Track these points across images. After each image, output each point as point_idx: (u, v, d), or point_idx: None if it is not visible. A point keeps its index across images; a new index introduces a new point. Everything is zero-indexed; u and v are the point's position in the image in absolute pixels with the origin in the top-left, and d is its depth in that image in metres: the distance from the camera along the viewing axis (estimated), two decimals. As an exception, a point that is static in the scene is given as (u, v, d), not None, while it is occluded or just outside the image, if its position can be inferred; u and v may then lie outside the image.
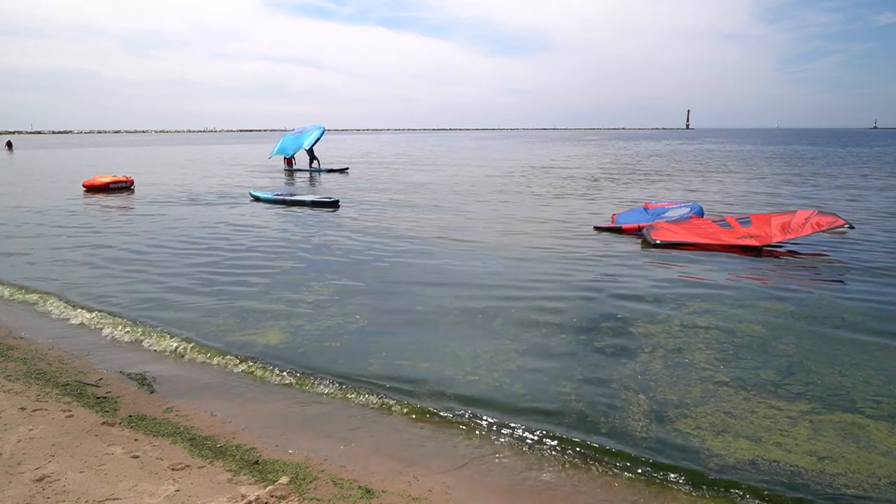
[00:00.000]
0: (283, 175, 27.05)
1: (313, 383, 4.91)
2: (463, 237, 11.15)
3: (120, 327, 6.26)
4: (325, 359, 5.38)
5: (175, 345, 5.76)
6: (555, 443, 3.96)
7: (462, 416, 4.35)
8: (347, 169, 29.32)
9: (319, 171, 28.24)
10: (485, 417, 4.31)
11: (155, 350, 5.66)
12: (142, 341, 5.88)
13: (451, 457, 3.85)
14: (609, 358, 5.33)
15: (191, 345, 5.75)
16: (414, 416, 4.36)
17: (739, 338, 5.79)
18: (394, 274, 8.42)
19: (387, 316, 6.53)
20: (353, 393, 4.72)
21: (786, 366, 5.13)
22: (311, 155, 28.64)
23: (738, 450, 3.83)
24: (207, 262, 9.26)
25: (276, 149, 29.94)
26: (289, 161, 29.64)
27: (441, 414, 4.38)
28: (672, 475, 3.59)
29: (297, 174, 27.54)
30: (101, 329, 6.24)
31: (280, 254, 9.81)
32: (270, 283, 7.90)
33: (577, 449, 3.89)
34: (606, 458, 3.78)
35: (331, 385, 4.87)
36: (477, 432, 4.12)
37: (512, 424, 4.20)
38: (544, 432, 4.09)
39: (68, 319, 6.57)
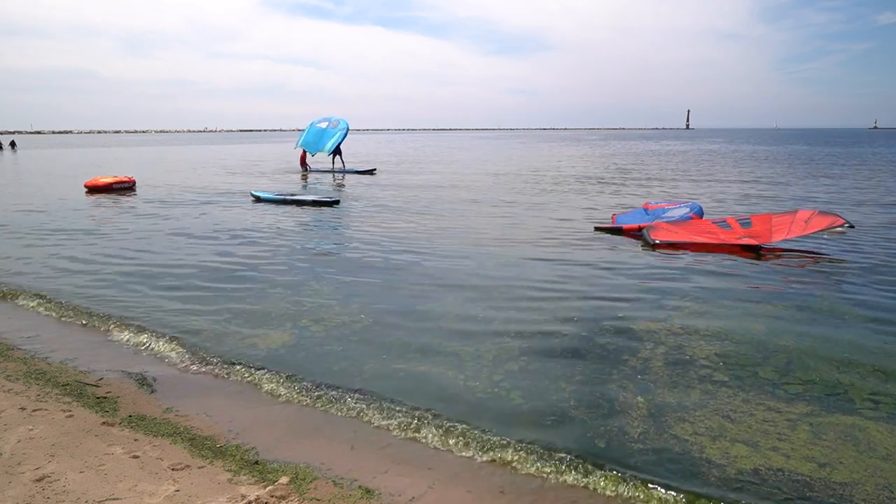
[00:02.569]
0: (281, 175, 26.96)
1: (314, 384, 4.91)
2: (462, 238, 11.16)
3: (120, 328, 6.26)
4: (326, 359, 5.38)
5: (175, 345, 5.76)
6: (553, 448, 3.93)
7: (462, 417, 4.35)
8: (375, 170, 27.66)
9: (344, 171, 26.87)
10: (485, 420, 4.30)
11: (155, 350, 5.66)
12: (142, 342, 5.88)
13: (450, 459, 3.85)
14: (609, 358, 5.33)
15: (191, 345, 5.75)
16: (414, 418, 4.35)
17: (739, 338, 5.79)
18: (394, 275, 8.42)
19: (387, 317, 6.52)
20: (354, 394, 4.72)
21: (785, 366, 5.13)
22: (336, 154, 27.19)
23: (736, 457, 3.80)
24: (208, 262, 9.26)
25: (302, 140, 28.14)
26: (303, 161, 28.38)
27: (441, 415, 4.38)
28: (670, 488, 3.55)
29: (319, 174, 26.55)
30: (102, 329, 6.24)
31: (281, 254, 9.81)
32: (272, 284, 7.90)
33: (576, 456, 3.85)
34: (605, 467, 3.75)
35: (331, 386, 4.86)
36: (476, 434, 4.12)
37: (511, 428, 4.19)
38: (543, 437, 4.07)
39: (69, 320, 6.57)
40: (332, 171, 27.09)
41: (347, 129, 27.22)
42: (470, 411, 4.42)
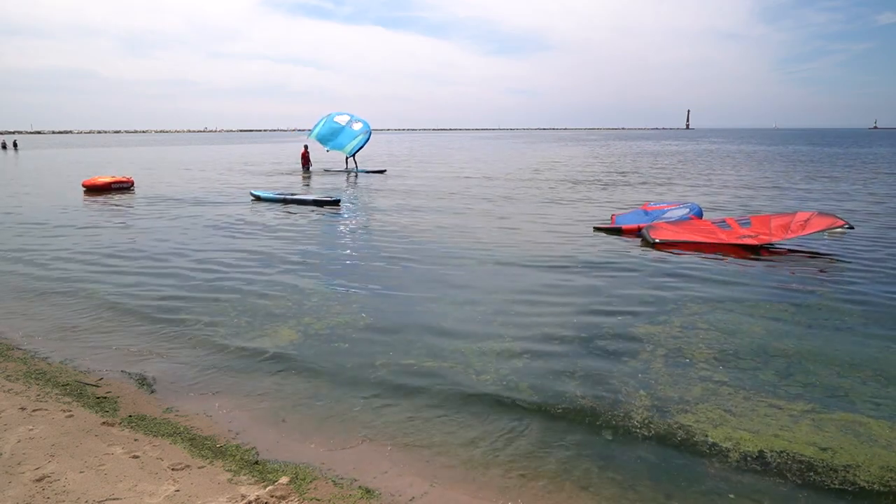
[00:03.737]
0: (282, 175, 26.87)
1: (314, 383, 4.91)
2: (462, 238, 11.15)
3: (120, 327, 6.25)
4: (327, 359, 5.37)
5: (175, 345, 5.76)
6: (559, 443, 3.95)
7: (464, 416, 4.35)
8: (385, 171, 27.09)
9: (357, 171, 26.32)
10: (487, 418, 4.30)
11: (155, 350, 5.66)
12: (142, 341, 5.87)
13: (451, 458, 3.85)
14: (611, 357, 5.33)
15: (190, 345, 5.75)
16: (416, 417, 4.36)
17: (739, 338, 5.79)
18: (395, 275, 8.42)
19: (391, 315, 6.53)
20: (354, 394, 4.72)
21: (785, 366, 5.13)
22: (350, 155, 26.52)
23: (739, 442, 3.83)
24: (209, 262, 9.25)
25: (318, 132, 26.70)
26: (305, 160, 27.80)
27: (442, 414, 4.38)
28: (675, 471, 3.59)
29: (333, 174, 25.99)
30: (102, 329, 6.23)
31: (282, 253, 9.81)
32: (272, 283, 7.90)
33: (581, 449, 3.88)
34: (611, 457, 3.78)
35: (332, 386, 4.86)
36: (478, 432, 4.12)
37: (515, 424, 4.20)
38: (548, 432, 4.09)
39: (68, 320, 6.56)
40: (346, 171, 26.58)
41: (370, 135, 26.24)
42: (473, 410, 4.41)
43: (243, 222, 13.19)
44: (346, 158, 26.98)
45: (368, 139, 26.24)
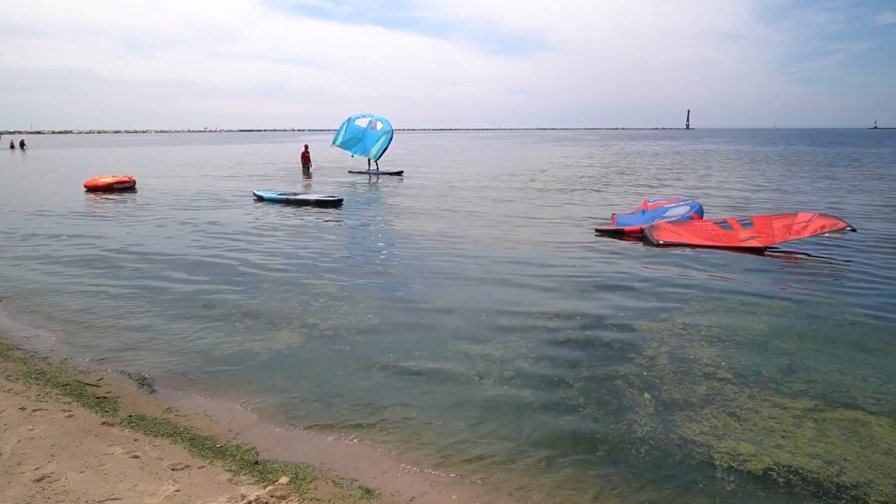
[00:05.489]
0: (284, 175, 26.86)
1: (316, 384, 4.89)
2: (464, 239, 11.14)
3: (121, 327, 6.25)
4: (329, 359, 5.37)
5: (175, 345, 5.75)
6: (559, 450, 3.91)
7: (465, 417, 4.34)
8: (402, 172, 26.58)
9: (378, 173, 25.82)
10: (488, 420, 4.29)
11: (155, 350, 5.65)
12: (142, 342, 5.86)
13: (452, 459, 3.84)
14: (614, 358, 5.32)
15: (191, 344, 5.74)
16: (416, 418, 4.34)
17: (742, 337, 5.78)
18: (397, 276, 8.41)
19: (392, 317, 6.51)
20: (355, 394, 4.71)
21: (787, 365, 5.13)
22: (376, 159, 25.98)
23: (743, 455, 3.79)
24: (210, 262, 9.24)
25: (341, 140, 26.12)
26: (306, 159, 27.61)
27: (443, 415, 4.37)
28: (676, 489, 3.54)
29: (355, 175, 25.67)
30: (102, 330, 6.23)
31: (284, 254, 9.80)
32: (275, 284, 7.89)
33: (582, 457, 3.85)
34: (611, 468, 3.73)
35: (333, 386, 4.85)
36: (479, 434, 4.11)
37: (516, 426, 4.19)
38: (549, 437, 4.06)
39: (68, 320, 6.55)
40: (368, 173, 26.17)
41: (392, 132, 25.59)
42: (473, 412, 4.40)
43: (246, 222, 13.18)
44: (368, 160, 26.43)
45: (392, 139, 25.61)
